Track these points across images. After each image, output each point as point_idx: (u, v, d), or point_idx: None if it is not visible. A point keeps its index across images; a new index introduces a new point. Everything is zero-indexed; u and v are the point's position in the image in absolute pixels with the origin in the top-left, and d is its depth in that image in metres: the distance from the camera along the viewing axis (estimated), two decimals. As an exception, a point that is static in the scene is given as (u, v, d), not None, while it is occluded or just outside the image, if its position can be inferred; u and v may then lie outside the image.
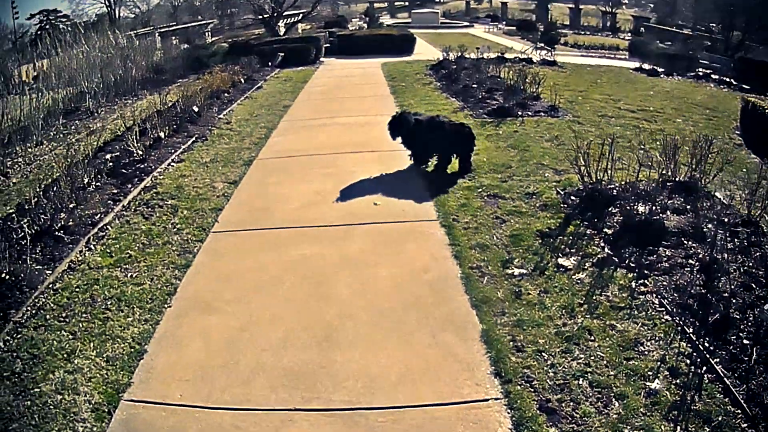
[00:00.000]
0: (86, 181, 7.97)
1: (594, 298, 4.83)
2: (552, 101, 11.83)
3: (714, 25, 38.12)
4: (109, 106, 15.88)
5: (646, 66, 20.70)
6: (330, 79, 18.02)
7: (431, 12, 53.48)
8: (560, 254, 5.62)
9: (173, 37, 32.91)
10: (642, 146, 8.62)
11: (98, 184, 8.06)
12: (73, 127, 14.04)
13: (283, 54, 21.40)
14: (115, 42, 18.48)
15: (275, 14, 30.54)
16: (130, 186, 8.10)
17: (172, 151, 9.64)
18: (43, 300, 5.14)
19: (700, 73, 21.50)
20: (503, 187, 7.38)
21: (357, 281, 5.25)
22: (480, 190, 7.35)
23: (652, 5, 56.24)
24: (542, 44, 24.99)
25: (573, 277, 5.21)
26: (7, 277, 5.23)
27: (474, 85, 13.90)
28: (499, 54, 19.35)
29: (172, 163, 9.09)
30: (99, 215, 6.98)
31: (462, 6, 68.27)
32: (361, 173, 8.13)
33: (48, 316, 4.89)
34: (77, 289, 5.30)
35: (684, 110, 13.24)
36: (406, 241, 6.04)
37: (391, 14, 65.86)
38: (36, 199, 6.92)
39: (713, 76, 21.17)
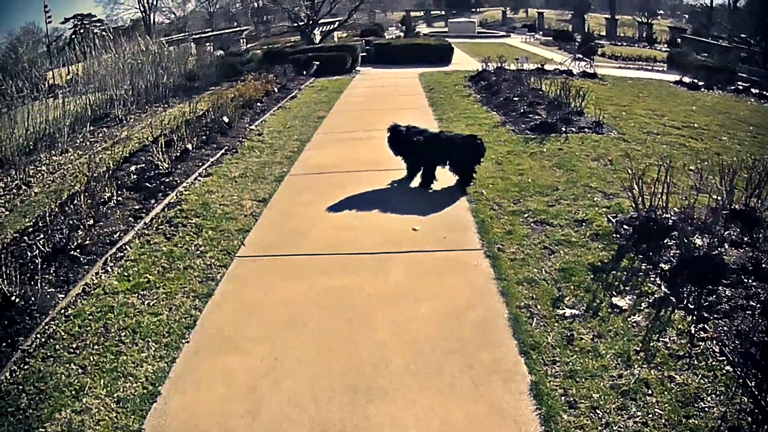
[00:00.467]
0: (107, 195, 7.71)
1: (651, 344, 4.30)
2: (596, 117, 11.25)
3: (750, 36, 37.05)
4: (138, 114, 15.80)
5: (686, 79, 20.03)
6: (366, 89, 17.70)
7: (468, 21, 53.50)
8: (614, 292, 5.06)
9: (207, 44, 33.10)
10: (691, 168, 8.06)
11: (120, 198, 7.78)
12: (100, 135, 13.95)
13: (318, 63, 21.17)
14: (146, 48, 18.34)
15: (311, 22, 30.42)
16: (153, 202, 7.77)
17: (200, 164, 9.34)
18: (54, 327, 4.80)
19: (740, 87, 20.78)
20: (551, 212, 6.84)
21: (393, 319, 4.78)
22: (527, 215, 6.82)
23: (687, 16, 55.21)
24: (580, 55, 24.55)
25: (628, 319, 4.67)
26: (18, 300, 4.92)
27: (515, 98, 13.40)
28: (539, 65, 18.99)
29: (199, 178, 8.77)
30: (119, 233, 6.64)
31: (498, 15, 68.92)
32: (399, 193, 7.72)
33: (58, 346, 4.54)
34: (90, 317, 4.95)
35: (728, 127, 12.57)
36: (448, 273, 5.55)
37: (428, 23, 66.46)
38: (52, 216, 6.63)
39: (752, 90, 20.47)
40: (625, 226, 6.35)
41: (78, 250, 5.98)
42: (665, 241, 5.84)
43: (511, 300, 5.02)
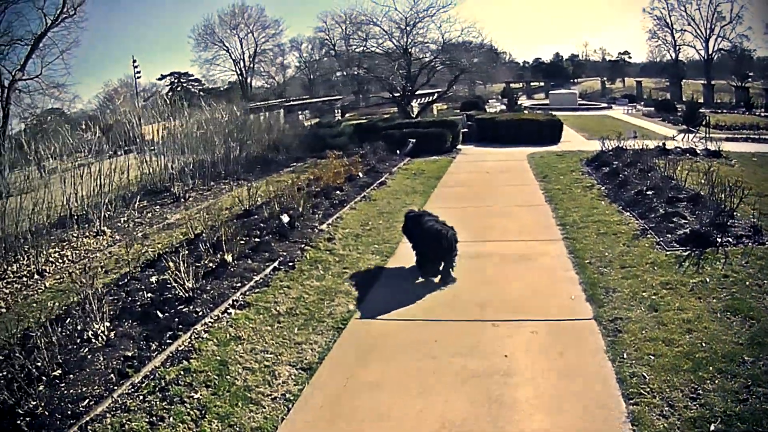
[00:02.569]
0: (97, 328, 5.69)
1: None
2: (752, 218, 8.48)
3: None
4: (202, 192, 14.02)
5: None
6: (469, 175, 15.19)
7: (569, 93, 52.41)
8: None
9: (300, 112, 32.13)
10: None
11: (113, 335, 5.73)
12: (149, 215, 12.18)
13: (414, 140, 18.94)
14: (211, 115, 16.80)
15: (407, 93, 28.56)
16: (155, 346, 5.58)
17: (239, 284, 7.05)
18: None
19: None
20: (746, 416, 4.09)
21: None
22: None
23: None
24: (692, 128, 23.48)
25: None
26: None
27: (648, 192, 10.62)
28: (660, 145, 16.95)
29: (230, 311, 6.42)
30: (88, 400, 4.71)
31: (595, 86, 68.41)
32: (525, 372, 4.97)
33: None
34: None
35: None
36: None
37: (528, 95, 65.93)
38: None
39: None
40: None
41: (28, 418, 4.39)
42: None
43: None
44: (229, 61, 57.23)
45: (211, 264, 7.55)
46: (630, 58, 71.71)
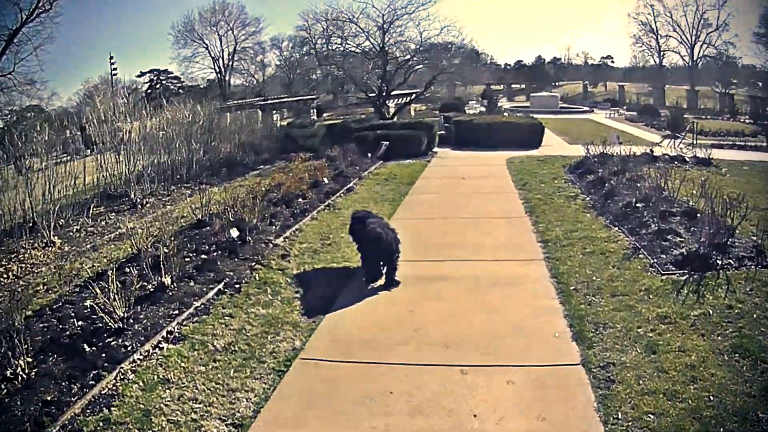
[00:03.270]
0: (17, 365, 4.89)
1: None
2: (754, 237, 7.85)
3: None
4: (162, 197, 12.97)
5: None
6: (444, 181, 14.26)
7: (550, 96, 51.73)
8: None
9: (275, 112, 30.97)
10: None
11: (35, 373, 4.95)
12: (103, 223, 11.11)
13: (387, 142, 17.85)
14: (173, 116, 15.71)
15: (382, 93, 27.51)
16: (77, 389, 4.75)
17: (175, 312, 6.12)
18: None
19: None
20: None
21: None
22: None
23: (760, 83, 51.82)
24: (677, 134, 23.11)
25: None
26: None
27: (638, 204, 9.80)
28: (648, 152, 16.29)
29: (163, 344, 5.51)
30: None
31: (577, 89, 67.46)
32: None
33: None
34: None
35: None
36: None
37: (508, 97, 65.00)
38: None
39: None
40: None
41: None
42: None
43: None
44: (208, 58, 55.38)
45: (150, 286, 6.58)
46: (613, 62, 71.14)
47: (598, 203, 10.70)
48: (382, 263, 7.14)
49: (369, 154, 16.91)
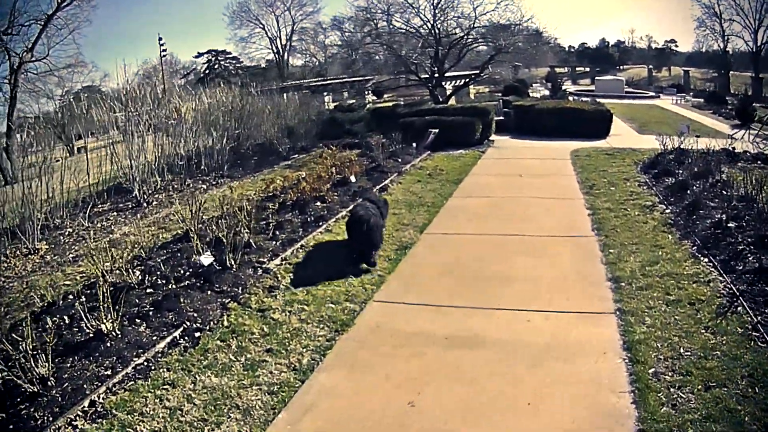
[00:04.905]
0: None
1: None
2: None
3: None
4: (176, 191, 11.53)
5: None
6: (497, 180, 12.07)
7: (616, 80, 49.11)
8: None
9: (326, 94, 29.35)
10: None
11: None
12: (100, 225, 9.76)
13: (436, 130, 15.80)
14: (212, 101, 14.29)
15: (434, 75, 25.25)
16: None
17: (107, 373, 4.59)
18: None
19: None
20: None
21: None
22: None
23: None
24: (747, 125, 20.69)
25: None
26: None
27: (729, 225, 7.47)
28: (727, 148, 13.89)
29: (77, 422, 4.02)
30: None
31: (643, 73, 66.06)
32: None
33: None
34: None
35: None
36: None
37: (573, 80, 62.65)
38: None
39: None
40: None
41: None
42: None
43: None
44: (265, 39, 54.63)
45: (89, 329, 5.00)
46: (677, 46, 67.60)
47: (681, 219, 8.29)
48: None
49: (414, 144, 14.92)
